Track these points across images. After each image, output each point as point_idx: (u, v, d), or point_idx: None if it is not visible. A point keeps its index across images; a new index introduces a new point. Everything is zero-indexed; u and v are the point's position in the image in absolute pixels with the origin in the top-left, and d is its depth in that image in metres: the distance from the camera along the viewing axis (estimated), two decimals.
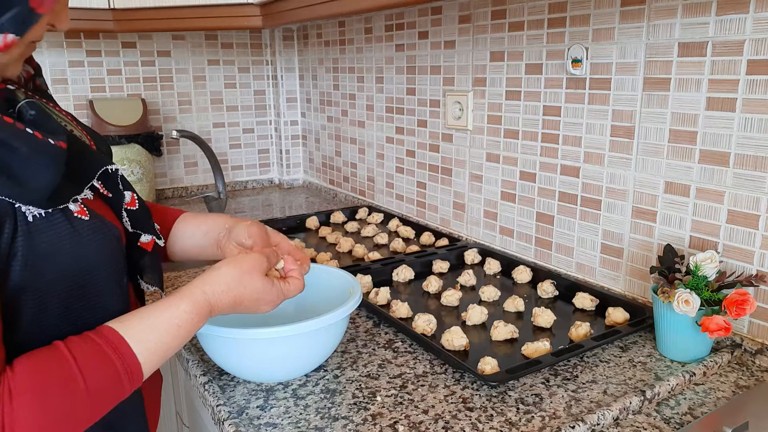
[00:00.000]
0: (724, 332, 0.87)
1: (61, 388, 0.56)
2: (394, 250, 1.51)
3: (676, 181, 1.05)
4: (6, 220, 0.57)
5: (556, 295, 1.20)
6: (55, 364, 0.57)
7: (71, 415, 0.57)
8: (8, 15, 0.56)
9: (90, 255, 0.64)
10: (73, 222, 0.63)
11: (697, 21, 0.97)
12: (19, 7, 0.56)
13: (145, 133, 2.06)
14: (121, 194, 0.74)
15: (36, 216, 0.59)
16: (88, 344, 0.59)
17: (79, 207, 0.65)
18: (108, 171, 0.71)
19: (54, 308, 0.62)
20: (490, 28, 1.39)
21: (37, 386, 0.54)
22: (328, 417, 0.81)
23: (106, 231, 0.67)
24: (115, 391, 0.61)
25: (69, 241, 0.62)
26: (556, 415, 0.80)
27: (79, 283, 0.64)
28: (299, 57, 2.36)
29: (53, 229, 0.61)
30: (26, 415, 0.53)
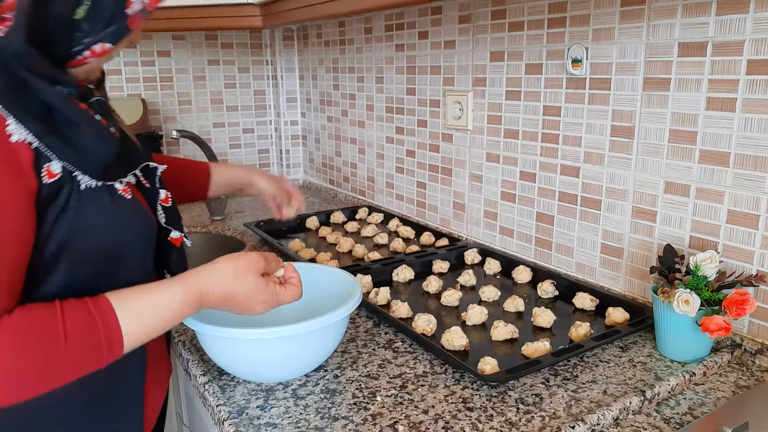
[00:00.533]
0: (724, 332, 0.87)
1: (42, 337, 0.61)
2: (394, 250, 1.51)
3: (676, 181, 1.05)
4: (64, 185, 0.67)
5: (556, 295, 1.20)
6: (45, 317, 0.62)
7: (44, 366, 0.62)
8: (110, 29, 0.69)
9: (126, 231, 0.74)
10: (116, 200, 0.73)
11: (697, 21, 0.97)
12: (119, 24, 0.69)
13: (145, 133, 2.06)
14: (157, 190, 0.84)
15: (88, 187, 0.69)
16: (80, 307, 0.64)
17: (123, 187, 0.75)
18: (148, 166, 0.84)
19: (84, 273, 0.70)
20: (490, 28, 1.39)
21: (21, 330, 0.60)
22: (328, 417, 0.81)
23: (142, 213, 0.78)
24: (92, 355, 0.64)
25: (110, 216, 0.71)
26: (556, 415, 0.80)
27: (110, 254, 0.72)
28: (299, 57, 2.36)
29: (99, 202, 0.70)
30: (3, 353, 0.59)
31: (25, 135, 0.63)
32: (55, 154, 0.65)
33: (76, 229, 0.68)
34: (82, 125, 0.68)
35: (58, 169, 0.66)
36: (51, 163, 0.65)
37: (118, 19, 0.68)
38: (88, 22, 0.67)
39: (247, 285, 0.75)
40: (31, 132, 0.63)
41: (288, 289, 0.80)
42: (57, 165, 0.66)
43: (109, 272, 0.72)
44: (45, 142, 0.64)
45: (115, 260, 0.73)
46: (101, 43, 0.69)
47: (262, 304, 0.77)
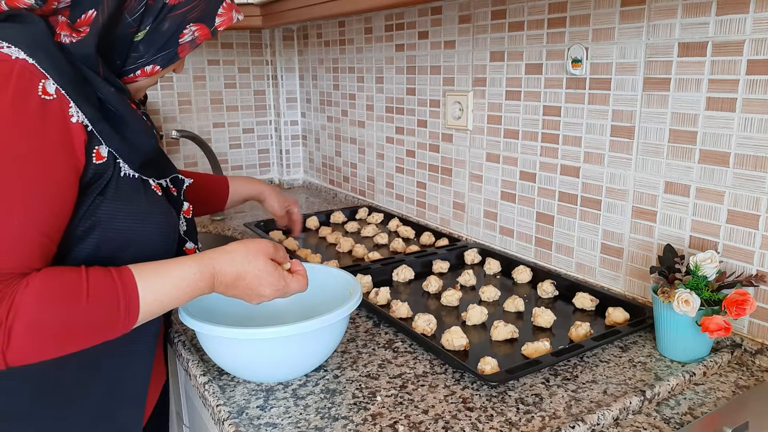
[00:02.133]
0: (724, 332, 0.87)
1: (66, 294, 0.66)
2: (394, 250, 1.51)
3: (676, 181, 1.05)
4: (108, 169, 0.74)
5: (556, 295, 1.20)
6: (71, 276, 0.68)
7: (67, 322, 0.66)
8: (162, 54, 0.79)
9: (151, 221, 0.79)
10: (149, 194, 0.80)
11: (697, 21, 0.97)
12: (170, 50, 0.80)
13: None
14: (182, 201, 0.91)
15: (126, 174, 0.76)
16: (103, 271, 0.70)
17: (155, 184, 0.82)
18: (177, 177, 0.91)
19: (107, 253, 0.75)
20: (490, 28, 1.39)
21: (48, 286, 0.65)
22: (328, 417, 0.81)
23: (169, 210, 0.83)
24: (110, 317, 0.69)
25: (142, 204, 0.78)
26: (556, 415, 0.80)
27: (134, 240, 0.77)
28: (299, 57, 2.36)
29: (133, 191, 0.77)
30: (30, 305, 0.64)
31: (83, 118, 0.70)
32: (104, 140, 0.73)
33: (110, 211, 0.74)
34: (130, 120, 0.76)
35: (105, 153, 0.73)
36: (101, 147, 0.73)
37: (171, 45, 0.79)
38: (144, 44, 0.77)
39: (258, 266, 0.79)
40: (87, 117, 0.70)
41: (295, 278, 0.83)
42: (105, 149, 0.73)
43: (132, 253, 0.77)
44: (97, 128, 0.72)
45: (138, 246, 0.78)
46: (152, 65, 0.79)
47: (270, 287, 0.80)
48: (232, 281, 0.78)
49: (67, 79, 0.69)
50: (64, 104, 0.68)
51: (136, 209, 0.77)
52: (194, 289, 0.75)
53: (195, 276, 0.75)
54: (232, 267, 0.77)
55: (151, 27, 0.76)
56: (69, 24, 0.72)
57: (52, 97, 0.67)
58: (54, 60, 0.68)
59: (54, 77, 0.67)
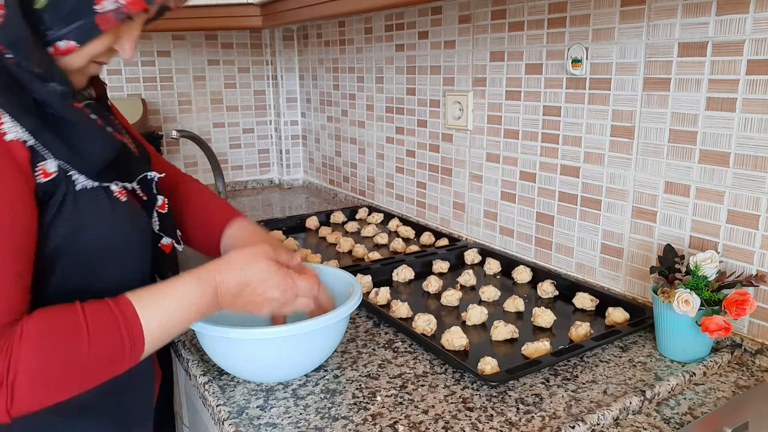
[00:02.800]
0: (724, 332, 0.87)
1: (66, 337, 0.61)
2: (394, 250, 1.51)
3: (676, 181, 1.05)
4: (59, 186, 0.65)
5: (556, 295, 1.20)
6: (67, 316, 0.62)
7: (71, 366, 0.61)
8: (74, 25, 0.64)
9: (121, 231, 0.72)
10: (113, 201, 0.71)
11: (697, 21, 0.97)
12: (85, 20, 0.64)
13: (145, 133, 2.06)
14: (155, 197, 0.82)
15: (84, 187, 0.68)
16: (101, 306, 0.65)
17: (119, 189, 0.73)
18: (146, 177, 0.80)
19: (79, 271, 0.69)
20: (490, 28, 1.39)
21: (45, 331, 0.60)
22: (328, 417, 0.81)
23: (138, 215, 0.76)
24: (115, 355, 0.64)
25: (105, 216, 0.70)
26: (556, 415, 0.80)
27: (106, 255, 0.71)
28: (299, 57, 2.36)
29: (95, 203, 0.69)
30: (30, 356, 0.59)
31: (21, 133, 0.62)
32: (51, 153, 0.64)
33: (72, 229, 0.67)
34: (76, 123, 0.66)
35: (54, 168, 0.65)
36: (46, 162, 0.64)
37: (84, 15, 0.64)
38: (49, 13, 0.63)
39: (260, 268, 0.75)
40: (26, 129, 0.62)
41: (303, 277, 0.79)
42: (52, 164, 0.64)
43: (104, 271, 0.71)
44: (40, 140, 0.63)
45: (111, 260, 0.72)
46: (65, 41, 0.65)
47: (277, 288, 0.75)
48: (237, 289, 0.73)
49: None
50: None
51: (101, 222, 0.69)
52: (198, 306, 0.71)
53: (196, 292, 0.70)
54: (233, 275, 0.73)
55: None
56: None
57: None
58: None
59: None
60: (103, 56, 0.70)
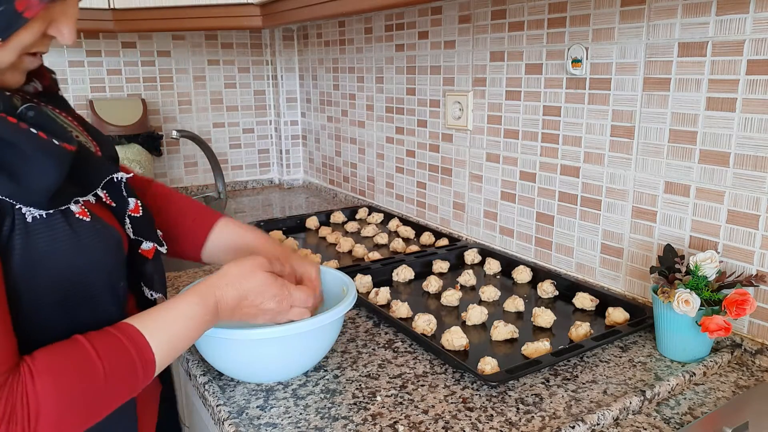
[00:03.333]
0: (724, 332, 0.87)
1: (80, 371, 0.58)
2: (394, 250, 1.51)
3: (676, 181, 1.05)
4: (5, 218, 0.57)
5: (556, 295, 1.20)
6: (74, 350, 0.58)
7: (91, 398, 0.59)
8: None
9: (88, 257, 0.64)
10: (73, 224, 0.63)
11: (697, 21, 0.97)
12: (2, 9, 0.54)
13: (145, 133, 2.06)
14: (126, 201, 0.73)
15: (36, 217, 0.59)
16: (104, 334, 0.61)
17: (80, 208, 0.64)
18: (113, 180, 0.71)
19: (49, 308, 0.62)
20: (490, 28, 1.39)
21: (56, 368, 0.56)
22: (328, 417, 0.81)
23: (106, 234, 0.67)
24: (130, 377, 0.62)
25: (67, 243, 0.62)
26: (556, 415, 0.80)
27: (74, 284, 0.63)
28: (299, 57, 2.36)
29: (52, 230, 0.60)
30: (50, 395, 0.55)
31: None
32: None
33: (28, 266, 0.58)
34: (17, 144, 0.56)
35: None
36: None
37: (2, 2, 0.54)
38: None
39: (257, 281, 0.75)
40: None
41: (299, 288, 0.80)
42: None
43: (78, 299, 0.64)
44: None
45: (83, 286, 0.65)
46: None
47: (273, 299, 0.76)
48: (235, 303, 0.73)
49: None
50: None
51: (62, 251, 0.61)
52: (201, 323, 0.70)
53: (199, 310, 0.70)
54: (231, 289, 0.73)
55: None
56: None
57: None
58: None
59: None
60: (36, 46, 0.61)
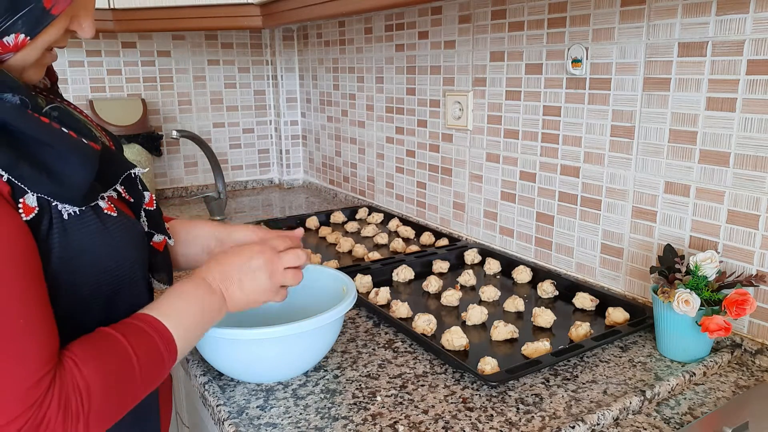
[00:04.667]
0: (724, 332, 0.87)
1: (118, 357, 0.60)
2: (394, 250, 1.51)
3: (676, 181, 1.05)
4: (43, 218, 0.59)
5: (556, 295, 1.20)
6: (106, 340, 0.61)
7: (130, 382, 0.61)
8: (21, 14, 0.57)
9: (120, 250, 0.67)
10: (103, 219, 0.66)
11: (697, 21, 0.97)
12: (33, 6, 0.57)
13: (145, 133, 2.06)
14: (142, 195, 0.77)
15: (71, 214, 0.62)
16: (127, 325, 0.64)
17: (107, 204, 0.67)
18: (131, 175, 0.74)
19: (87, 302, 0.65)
20: (490, 28, 1.39)
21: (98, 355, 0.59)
22: (328, 417, 0.81)
23: (132, 227, 0.71)
24: (158, 364, 0.65)
25: (100, 238, 0.64)
26: (556, 415, 0.80)
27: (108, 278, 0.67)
28: (299, 57, 2.36)
29: (86, 226, 0.63)
30: (99, 380, 0.58)
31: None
32: (29, 187, 0.57)
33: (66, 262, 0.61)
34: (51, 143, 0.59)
35: (34, 203, 0.58)
36: (26, 197, 0.57)
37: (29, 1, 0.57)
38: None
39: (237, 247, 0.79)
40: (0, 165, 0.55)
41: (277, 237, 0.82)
42: (32, 198, 0.58)
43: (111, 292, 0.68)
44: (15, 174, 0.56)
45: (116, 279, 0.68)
46: (14, 35, 0.58)
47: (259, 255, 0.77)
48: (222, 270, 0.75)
49: None
50: None
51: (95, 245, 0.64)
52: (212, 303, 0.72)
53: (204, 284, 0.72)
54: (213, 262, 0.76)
55: None
56: None
57: None
58: None
59: None
60: (60, 41, 0.64)
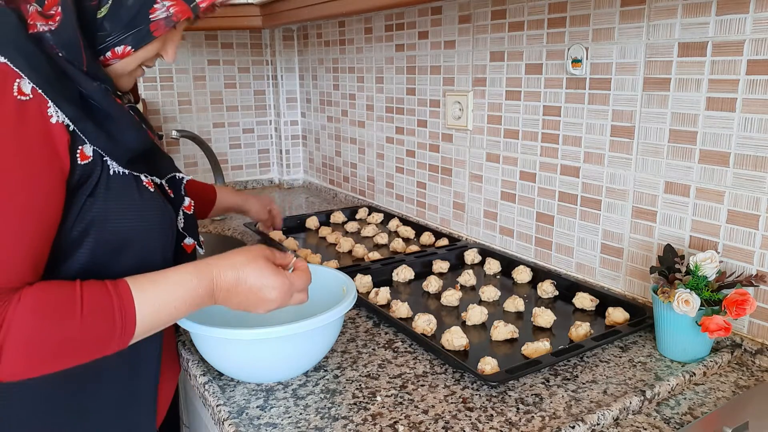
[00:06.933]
0: (724, 332, 0.87)
1: (59, 306, 0.64)
2: (394, 250, 1.51)
3: (676, 181, 1.05)
4: (95, 168, 0.71)
5: (556, 295, 1.20)
6: (65, 291, 0.65)
7: (62, 334, 0.63)
8: (132, 32, 0.72)
9: (146, 218, 0.76)
10: (141, 189, 0.77)
11: (697, 21, 0.97)
12: (142, 27, 0.72)
13: None
14: (182, 198, 0.89)
15: (116, 172, 0.73)
16: (99, 286, 0.67)
17: (148, 180, 0.79)
18: (175, 177, 0.88)
19: (105, 255, 0.73)
20: (490, 28, 1.39)
21: (39, 299, 0.63)
22: (328, 417, 0.81)
23: (164, 207, 0.81)
24: (106, 333, 0.66)
25: (134, 203, 0.75)
26: (556, 415, 0.80)
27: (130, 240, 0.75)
28: (299, 57, 2.36)
29: (125, 189, 0.74)
30: (22, 322, 0.61)
31: (64, 118, 0.66)
32: (88, 139, 0.69)
33: (102, 212, 0.71)
34: (115, 115, 0.72)
35: (90, 152, 0.70)
36: (84, 146, 0.69)
37: (140, 22, 0.72)
38: (109, 21, 0.70)
39: (258, 266, 0.76)
40: (68, 116, 0.67)
41: (296, 274, 0.80)
42: (89, 148, 0.70)
43: (129, 257, 0.75)
44: (80, 127, 0.68)
45: (136, 246, 0.76)
46: (123, 46, 0.73)
47: (274, 289, 0.76)
48: (233, 285, 0.74)
49: (43, 77, 0.64)
50: (43, 104, 0.64)
51: (129, 207, 0.74)
52: (193, 296, 0.72)
53: (192, 283, 0.72)
54: (230, 270, 0.74)
55: (113, 0, 0.70)
56: (40, 11, 0.67)
57: (29, 97, 0.63)
58: (28, 56, 0.64)
59: (29, 75, 0.63)
60: (150, 60, 0.78)
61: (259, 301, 0.76)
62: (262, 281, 0.75)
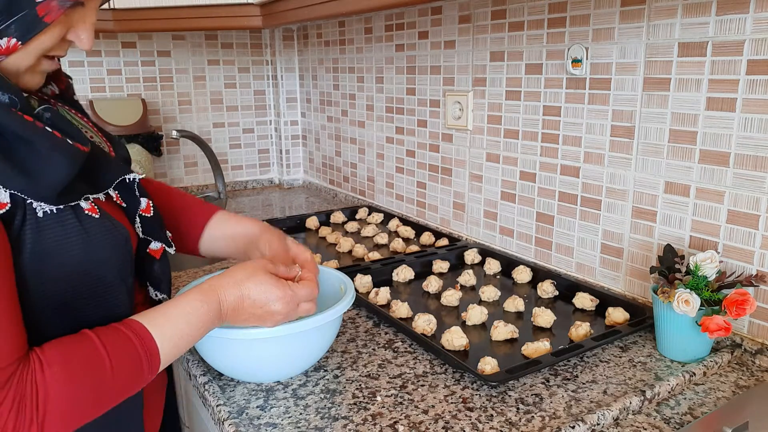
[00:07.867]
0: (724, 332, 0.87)
1: (87, 362, 0.59)
2: (394, 250, 1.51)
3: (676, 181, 1.05)
4: (16, 214, 0.59)
5: (556, 295, 1.20)
6: (82, 343, 0.60)
7: (99, 390, 0.60)
8: (14, 19, 0.57)
9: (96, 252, 0.66)
10: (83, 220, 0.64)
11: (697, 21, 0.97)
12: (25, 12, 0.57)
13: (145, 133, 2.06)
14: (138, 201, 0.76)
15: (46, 212, 0.61)
16: (111, 329, 0.63)
17: (90, 205, 0.66)
18: (125, 180, 0.73)
19: (58, 302, 0.64)
20: (490, 28, 1.39)
21: (65, 359, 0.58)
22: (328, 417, 0.81)
23: (115, 231, 0.69)
24: (136, 371, 0.63)
25: (77, 238, 0.63)
26: (556, 415, 0.80)
27: (84, 281, 0.65)
28: (299, 57, 2.36)
29: (62, 226, 0.62)
30: (59, 384, 0.57)
31: None
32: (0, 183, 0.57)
33: (38, 259, 0.60)
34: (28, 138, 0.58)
35: (6, 198, 0.58)
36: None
37: (24, 6, 0.57)
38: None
39: (260, 280, 0.74)
40: None
41: (302, 284, 0.79)
42: (4, 194, 0.57)
43: (87, 294, 0.66)
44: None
45: (92, 281, 0.66)
46: (6, 38, 0.58)
47: (279, 301, 0.75)
48: (238, 302, 0.73)
49: None
50: None
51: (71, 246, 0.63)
52: (204, 321, 0.70)
53: (203, 308, 0.70)
54: (233, 288, 0.73)
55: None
56: None
57: None
58: None
59: None
60: (55, 50, 0.64)
61: (265, 314, 0.75)
62: (266, 295, 0.74)
